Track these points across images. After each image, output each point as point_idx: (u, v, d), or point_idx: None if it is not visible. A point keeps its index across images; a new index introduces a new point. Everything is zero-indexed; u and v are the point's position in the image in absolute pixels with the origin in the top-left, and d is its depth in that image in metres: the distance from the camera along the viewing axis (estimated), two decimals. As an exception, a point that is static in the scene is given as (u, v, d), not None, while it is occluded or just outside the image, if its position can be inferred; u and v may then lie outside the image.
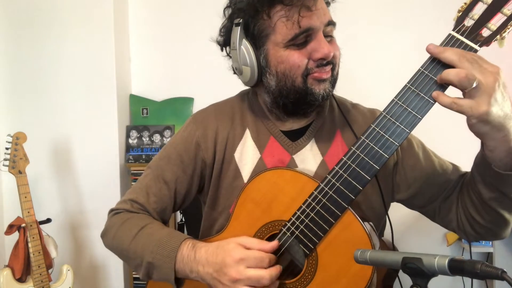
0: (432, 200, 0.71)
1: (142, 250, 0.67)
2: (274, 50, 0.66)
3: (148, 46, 1.90)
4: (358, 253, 0.51)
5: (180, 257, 0.64)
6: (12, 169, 1.45)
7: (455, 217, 0.69)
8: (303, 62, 0.65)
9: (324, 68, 0.65)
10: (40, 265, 1.44)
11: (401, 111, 0.58)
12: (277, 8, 0.64)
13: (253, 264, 0.60)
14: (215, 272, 0.61)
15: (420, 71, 0.57)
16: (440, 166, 0.71)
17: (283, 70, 0.66)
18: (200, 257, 0.63)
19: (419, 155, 0.72)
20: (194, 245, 0.65)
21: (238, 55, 0.69)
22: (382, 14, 1.79)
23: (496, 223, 0.64)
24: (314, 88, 0.66)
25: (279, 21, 0.64)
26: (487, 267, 0.40)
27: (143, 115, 1.86)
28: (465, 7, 0.56)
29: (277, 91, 0.68)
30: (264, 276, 0.59)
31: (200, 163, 0.74)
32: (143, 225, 0.69)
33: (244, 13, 0.66)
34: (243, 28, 0.67)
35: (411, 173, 0.71)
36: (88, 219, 1.77)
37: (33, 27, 1.75)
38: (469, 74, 0.50)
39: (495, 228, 0.65)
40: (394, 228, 0.72)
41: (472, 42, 0.55)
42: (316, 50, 0.64)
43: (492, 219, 0.64)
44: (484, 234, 0.67)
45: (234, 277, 0.59)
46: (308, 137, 0.73)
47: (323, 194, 0.62)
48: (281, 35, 0.64)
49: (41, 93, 1.76)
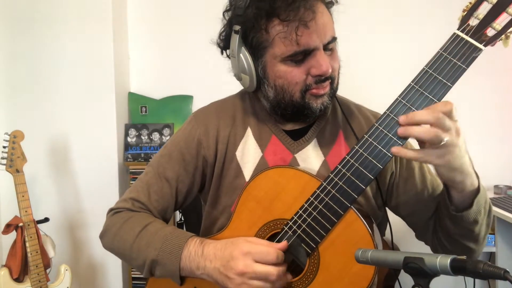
0: (416, 215, 0.73)
1: (146, 248, 0.66)
2: (272, 63, 0.66)
3: (147, 44, 1.89)
4: (359, 253, 0.51)
5: (187, 254, 0.63)
6: (10, 168, 1.44)
7: (430, 238, 0.72)
8: (301, 78, 0.65)
9: (322, 85, 0.65)
10: (38, 265, 1.43)
11: (405, 110, 0.57)
12: (275, 23, 0.63)
13: (260, 257, 0.59)
14: (222, 266, 0.60)
15: (424, 70, 0.57)
16: (431, 184, 0.72)
17: (281, 85, 0.66)
18: (208, 252, 0.63)
19: (415, 169, 0.73)
20: (202, 242, 0.65)
21: (237, 62, 0.69)
22: (385, 13, 1.78)
23: (463, 253, 0.67)
24: (312, 103, 0.66)
25: (277, 37, 0.63)
26: (489, 267, 0.40)
27: (142, 113, 1.85)
28: (470, 7, 0.56)
29: (275, 102, 0.69)
30: (272, 273, 0.59)
31: (202, 161, 0.74)
32: (146, 223, 0.69)
33: (243, 22, 0.65)
34: (242, 37, 0.66)
35: (403, 185, 0.72)
36: (86, 218, 1.76)
37: (31, 25, 1.74)
38: (438, 133, 0.53)
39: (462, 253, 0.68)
40: (395, 228, 0.73)
41: (477, 42, 0.55)
42: (315, 67, 0.64)
43: (459, 249, 0.67)
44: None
45: (241, 270, 0.58)
46: (310, 137, 0.73)
47: (326, 193, 0.62)
48: (280, 50, 0.64)
49: (39, 91, 1.75)
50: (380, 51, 1.78)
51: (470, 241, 0.66)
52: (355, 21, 1.71)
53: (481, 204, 0.62)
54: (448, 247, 0.68)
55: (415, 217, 0.73)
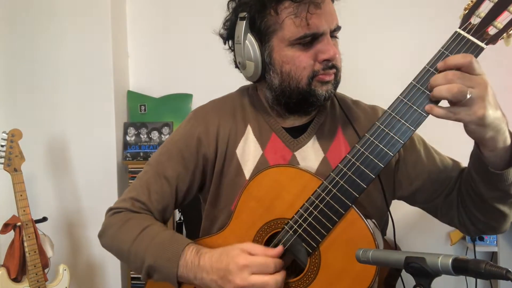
0: (434, 197, 0.71)
1: (143, 253, 0.66)
2: (279, 47, 0.66)
3: (146, 42, 1.87)
4: (360, 253, 0.50)
5: (184, 263, 0.63)
6: (8, 167, 1.43)
7: (456, 214, 0.69)
8: (309, 63, 0.65)
9: (329, 71, 0.66)
10: (36, 264, 1.42)
11: (406, 108, 0.57)
12: (285, 5, 0.64)
13: (258, 270, 0.59)
14: (220, 279, 0.61)
15: (425, 69, 0.57)
16: (441, 162, 0.72)
17: (288, 71, 0.66)
18: (204, 263, 0.62)
19: (421, 151, 0.72)
20: (198, 251, 0.64)
21: (243, 49, 0.68)
22: (386, 11, 1.77)
23: (497, 219, 0.65)
24: (318, 90, 0.66)
25: (287, 18, 0.64)
26: (491, 267, 0.40)
27: (141, 111, 1.84)
28: (471, 5, 0.56)
29: (279, 90, 0.68)
30: (269, 283, 0.59)
31: (202, 159, 0.74)
32: (144, 227, 0.68)
33: (251, 7, 0.66)
34: (249, 22, 0.66)
35: (413, 170, 0.71)
36: (85, 217, 1.75)
37: (29, 23, 1.72)
38: (461, 88, 0.51)
39: (496, 223, 0.66)
40: (396, 227, 0.72)
41: (478, 40, 0.55)
42: (322, 52, 0.64)
43: (493, 216, 0.65)
44: (485, 230, 0.69)
45: (239, 284, 0.59)
46: (310, 134, 0.73)
47: (327, 192, 0.61)
48: (289, 32, 0.64)
49: (37, 89, 1.74)
50: (379, 49, 1.78)
51: (505, 205, 0.63)
52: (355, 17, 1.71)
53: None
54: (481, 218, 0.65)
55: (434, 199, 0.71)
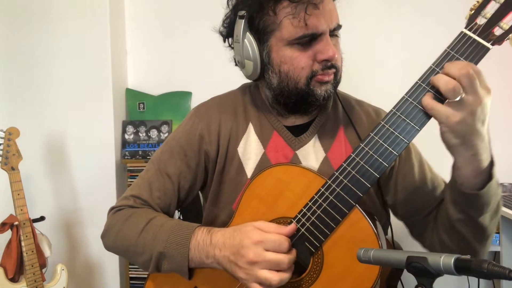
0: (413, 214, 0.71)
1: (152, 241, 0.65)
2: (277, 47, 0.65)
3: (145, 39, 1.86)
4: (361, 252, 0.50)
5: (195, 244, 0.63)
6: (5, 166, 1.42)
7: (429, 236, 0.69)
8: (307, 64, 0.64)
9: (327, 71, 0.65)
10: (34, 264, 1.41)
11: (411, 108, 0.57)
12: (283, 4, 0.63)
13: (271, 247, 0.58)
14: (233, 255, 0.60)
15: (431, 68, 0.57)
16: (431, 181, 0.71)
17: (287, 71, 0.65)
18: (216, 240, 0.62)
19: (414, 165, 0.72)
20: (209, 230, 0.64)
21: (241, 48, 0.68)
22: (389, 10, 1.77)
23: (461, 247, 0.63)
24: (316, 90, 0.66)
25: (285, 18, 0.63)
26: (494, 267, 0.40)
27: (139, 109, 1.83)
28: (477, 5, 0.56)
29: (278, 89, 0.68)
30: (283, 261, 0.58)
31: (204, 157, 0.73)
32: (151, 218, 0.68)
33: (249, 6, 0.65)
34: (247, 21, 0.66)
35: (402, 181, 0.71)
36: (83, 217, 1.74)
37: (27, 20, 1.71)
38: (457, 88, 0.51)
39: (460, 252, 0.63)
40: (397, 227, 0.72)
41: (484, 41, 0.55)
42: (321, 52, 0.63)
43: (458, 242, 0.63)
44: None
45: (252, 259, 0.58)
46: (311, 133, 0.73)
47: (330, 191, 0.61)
48: (287, 32, 0.63)
49: (34, 87, 1.72)
50: (383, 49, 1.78)
51: (470, 234, 0.61)
52: (357, 16, 1.71)
53: (492, 193, 0.58)
54: (446, 241, 0.64)
55: (412, 215, 0.71)
